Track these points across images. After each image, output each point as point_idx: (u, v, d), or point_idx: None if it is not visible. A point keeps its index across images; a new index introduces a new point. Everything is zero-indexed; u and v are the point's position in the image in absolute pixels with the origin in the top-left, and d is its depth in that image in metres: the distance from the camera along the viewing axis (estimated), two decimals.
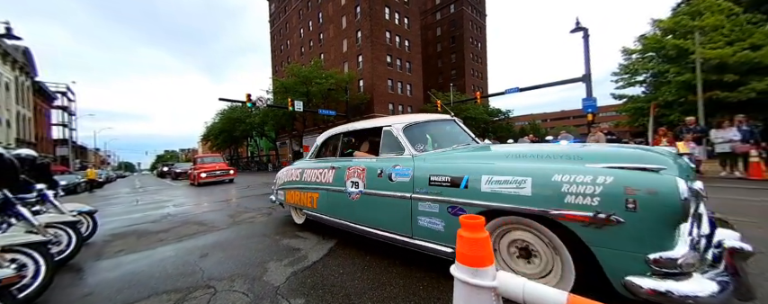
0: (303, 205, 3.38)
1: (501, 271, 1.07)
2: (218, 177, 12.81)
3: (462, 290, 1.08)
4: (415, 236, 2.09)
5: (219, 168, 13.13)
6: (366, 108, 29.17)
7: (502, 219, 1.68)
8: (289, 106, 20.06)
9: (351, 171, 2.67)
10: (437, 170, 1.99)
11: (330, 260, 2.56)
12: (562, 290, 0.95)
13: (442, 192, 1.88)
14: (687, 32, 15.83)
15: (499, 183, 1.62)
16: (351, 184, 2.63)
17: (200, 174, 12.33)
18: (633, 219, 1.21)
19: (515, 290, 0.99)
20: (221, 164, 13.97)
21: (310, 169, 3.28)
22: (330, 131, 3.37)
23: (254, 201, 6.62)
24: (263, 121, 30.10)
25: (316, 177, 3.14)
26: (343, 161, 2.89)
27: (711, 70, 14.56)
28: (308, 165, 3.42)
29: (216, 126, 35.30)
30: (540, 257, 1.61)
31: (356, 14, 30.35)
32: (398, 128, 2.48)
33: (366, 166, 2.54)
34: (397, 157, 2.38)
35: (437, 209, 1.91)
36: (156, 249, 3.28)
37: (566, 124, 62.00)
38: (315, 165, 3.29)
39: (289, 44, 42.74)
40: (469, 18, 44.37)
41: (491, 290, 1.03)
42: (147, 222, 4.98)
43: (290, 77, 26.99)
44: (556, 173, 1.45)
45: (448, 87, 31.15)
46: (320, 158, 3.40)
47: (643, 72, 18.86)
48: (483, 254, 1.06)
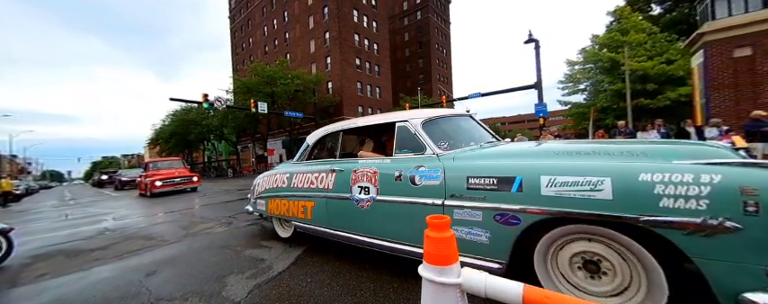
0: (292, 216, 2.89)
1: (465, 268, 1.11)
2: (178, 185, 10.57)
3: (429, 289, 1.11)
4: None
5: (179, 174, 10.88)
6: (335, 110, 28.69)
7: (567, 228, 1.40)
8: (251, 107, 18.93)
9: (358, 174, 2.29)
10: (477, 171, 1.67)
11: (297, 269, 2.45)
12: (518, 283, 1.00)
13: (486, 197, 1.58)
14: (618, 47, 18.30)
15: (566, 184, 1.34)
16: (359, 190, 2.24)
17: (155, 181, 10.04)
18: (753, 225, 1.02)
19: (478, 285, 1.04)
20: (181, 169, 11.71)
21: (302, 173, 2.81)
22: (326, 129, 2.93)
23: (213, 211, 6.07)
24: (223, 123, 27.98)
25: (310, 183, 2.69)
26: (348, 163, 2.47)
27: (637, 80, 16.98)
28: (299, 168, 2.93)
29: (166, 129, 31.98)
30: (613, 273, 1.36)
31: (324, 15, 29.84)
32: (417, 123, 2.14)
33: (378, 169, 2.17)
34: (417, 157, 2.03)
35: (480, 217, 1.60)
36: (91, 270, 2.86)
37: (521, 127, 67.45)
38: (308, 168, 2.80)
39: (251, 42, 40.51)
40: (435, 25, 46.19)
41: (456, 287, 1.08)
42: (79, 239, 4.34)
43: (252, 77, 25.51)
44: (642, 171, 1.22)
45: (416, 91, 31.98)
46: (314, 160, 2.90)
47: (584, 81, 21.29)
48: (449, 253, 1.10)
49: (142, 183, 11.14)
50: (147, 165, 11.98)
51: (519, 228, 1.47)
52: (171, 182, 10.46)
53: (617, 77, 18.32)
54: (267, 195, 3.25)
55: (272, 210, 3.18)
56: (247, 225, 4.30)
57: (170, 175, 10.63)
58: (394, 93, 37.19)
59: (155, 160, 12.74)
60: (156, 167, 11.60)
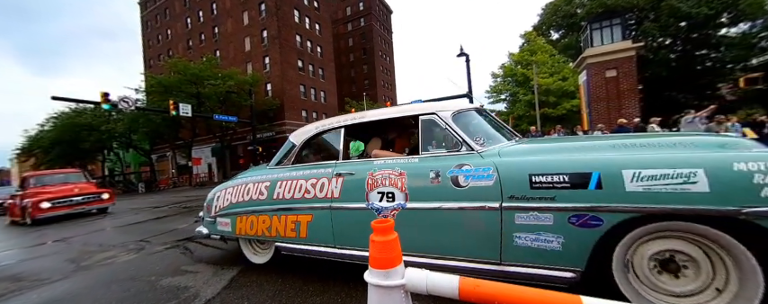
0: (275, 235, 2.29)
1: (408, 268, 1.11)
2: (78, 206, 7.70)
3: (375, 294, 1.11)
4: (506, 260, 1.52)
5: (81, 191, 7.94)
6: (275, 114, 26.75)
7: (651, 227, 1.29)
8: (170, 109, 16.23)
9: (377, 178, 1.89)
10: (542, 167, 1.46)
11: (231, 293, 2.14)
12: (454, 275, 1.05)
13: (557, 197, 1.38)
14: (528, 64, 21.89)
15: (655, 178, 1.21)
16: (379, 197, 1.85)
17: (40, 202, 7.11)
18: None
19: (420, 284, 1.05)
20: (83, 184, 8.57)
21: (289, 180, 2.26)
22: (318, 125, 2.43)
23: (117, 235, 4.92)
24: (131, 128, 23.29)
25: (304, 191, 2.17)
26: (359, 164, 2.06)
27: (542, 93, 20.54)
28: (283, 174, 2.33)
29: (47, 135, 25.07)
30: (697, 270, 1.28)
31: (260, 12, 27.74)
32: (447, 115, 1.85)
33: (405, 170, 1.82)
34: (455, 155, 1.74)
35: (551, 220, 1.39)
36: None
37: None
38: (298, 173, 2.26)
39: (170, 34, 35.00)
40: (378, 33, 47.58)
41: (401, 288, 1.08)
42: None
43: (172, 74, 22.00)
44: (734, 160, 1.15)
45: (362, 96, 32.18)
46: (306, 164, 2.36)
47: (504, 92, 24.78)
48: (393, 256, 1.11)
49: (16, 205, 7.96)
50: (25, 180, 8.58)
51: (600, 231, 1.31)
52: (66, 202, 7.52)
53: (528, 90, 21.90)
54: (234, 211, 2.53)
55: (243, 231, 2.47)
56: (166, 248, 3.62)
57: (65, 193, 7.68)
58: (339, 97, 36.76)
59: (39, 173, 9.39)
60: (40, 183, 8.32)
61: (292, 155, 2.46)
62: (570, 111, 20.30)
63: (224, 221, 2.62)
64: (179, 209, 7.82)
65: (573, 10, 22.44)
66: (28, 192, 7.84)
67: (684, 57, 19.80)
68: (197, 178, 25.90)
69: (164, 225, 5.38)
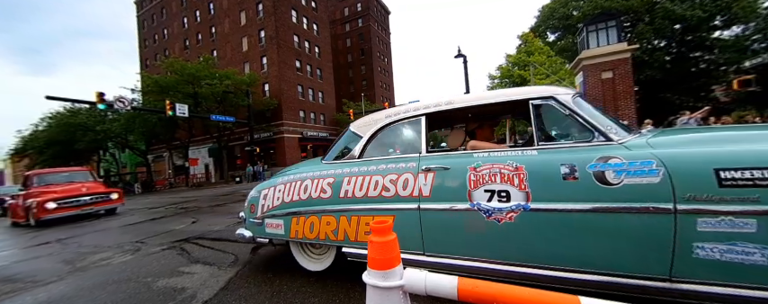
0: (342, 239, 1.99)
1: (407, 268, 1.12)
2: (86, 207, 7.24)
3: (374, 295, 1.10)
4: (680, 276, 1.23)
5: (89, 190, 7.49)
6: (273, 115, 26.68)
7: None
8: (167, 110, 16.15)
9: (483, 172, 1.59)
10: (734, 160, 1.17)
11: (228, 294, 2.14)
12: (453, 276, 1.05)
13: (762, 198, 1.11)
14: (525, 65, 22.04)
15: None
16: (489, 196, 1.56)
17: (45, 203, 6.65)
18: None
19: (418, 284, 1.05)
20: (90, 183, 8.08)
21: (362, 176, 1.95)
22: (390, 114, 2.10)
23: (112, 236, 4.89)
24: (128, 128, 23.11)
25: (381, 189, 1.86)
26: (457, 157, 1.75)
27: None
28: (351, 169, 2.04)
29: (41, 135, 24.81)
30: None
31: (258, 12, 27.68)
32: (568, 99, 1.59)
33: (525, 164, 1.51)
34: (591, 146, 1.46)
35: (753, 227, 1.12)
36: None
37: None
38: (371, 168, 1.95)
39: (167, 34, 34.82)
40: (376, 34, 47.64)
41: (399, 289, 1.08)
42: None
43: (168, 74, 21.88)
44: None
45: (359, 97, 32.24)
46: (380, 158, 2.03)
47: None
48: (392, 256, 1.10)
49: (18, 206, 7.51)
50: (28, 179, 8.07)
51: None
52: (74, 202, 7.01)
53: None
54: (289, 211, 2.22)
55: (301, 233, 2.15)
56: (162, 249, 3.60)
57: (72, 193, 7.17)
58: (337, 98, 36.73)
59: (43, 172, 8.72)
60: (44, 182, 7.82)
61: (358, 148, 2.14)
62: None
63: (274, 223, 2.30)
64: (175, 210, 7.77)
65: (569, 12, 22.64)
66: (31, 192, 7.39)
67: (679, 59, 20.05)
68: (194, 179, 25.75)
69: (160, 226, 5.35)
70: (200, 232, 4.39)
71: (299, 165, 2.62)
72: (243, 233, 2.56)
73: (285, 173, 2.47)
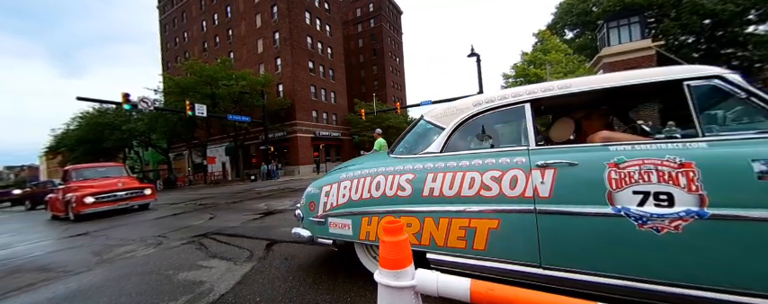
0: (427, 244, 1.74)
1: (419, 269, 1.12)
2: (122, 201, 7.43)
3: (385, 295, 1.11)
4: None
5: (124, 185, 7.69)
6: (287, 114, 27.24)
7: None
8: (187, 110, 16.81)
9: (630, 170, 1.32)
10: None
11: (244, 289, 2.21)
12: (466, 278, 1.03)
13: None
14: (541, 64, 21.46)
15: None
16: (639, 199, 1.29)
17: (84, 197, 6.81)
18: None
19: (430, 285, 1.06)
20: (125, 178, 8.26)
21: (452, 172, 1.70)
22: (480, 101, 1.81)
23: (135, 230, 5.17)
24: (151, 128, 24.22)
25: (480, 187, 1.60)
26: (584, 151, 1.47)
27: None
28: (436, 164, 1.79)
29: (72, 134, 26.37)
30: None
31: (273, 14, 28.31)
32: (738, 78, 1.35)
33: (693, 159, 1.23)
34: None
35: None
36: None
37: None
38: (464, 163, 1.69)
39: (187, 37, 36.21)
40: (387, 33, 47.67)
41: (411, 289, 1.08)
42: None
43: (188, 76, 22.74)
44: None
45: (371, 97, 32.35)
46: (476, 152, 1.76)
47: None
48: (403, 256, 1.10)
49: (58, 200, 7.65)
50: (67, 173, 8.17)
51: None
52: (111, 197, 7.21)
53: None
54: (358, 210, 1.99)
55: (373, 235, 1.93)
56: (182, 244, 3.76)
57: (109, 188, 7.36)
58: (349, 98, 37.03)
59: (82, 167, 8.70)
60: (82, 176, 7.97)
61: (439, 141, 1.87)
62: None
63: (340, 222, 2.08)
64: (195, 206, 8.09)
65: (588, 8, 21.83)
66: (70, 186, 7.48)
67: (708, 55, 18.95)
68: (212, 176, 26.66)
69: (180, 221, 5.60)
70: (217, 228, 4.57)
71: (361, 160, 2.41)
72: (300, 232, 2.32)
73: (346, 168, 2.25)
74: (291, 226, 4.24)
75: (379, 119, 30.10)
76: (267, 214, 5.53)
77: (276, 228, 4.13)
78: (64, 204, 7.29)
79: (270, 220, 4.85)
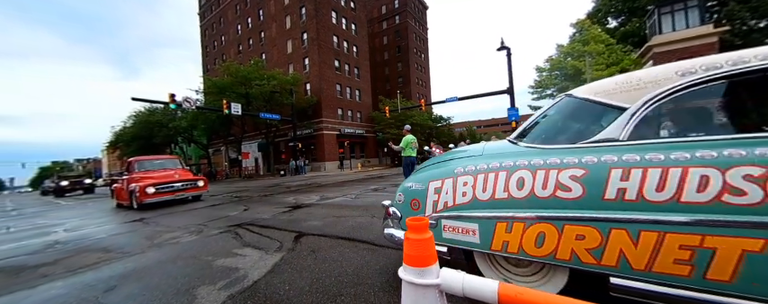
0: (614, 266, 1.27)
1: (444, 268, 1.12)
2: (178, 192, 7.76)
3: (409, 291, 1.13)
4: None
5: (180, 177, 8.04)
6: (313, 112, 28.19)
7: None
8: (224, 108, 18.08)
9: None
10: None
11: (274, 277, 2.35)
12: (494, 280, 1.01)
13: None
14: (580, 56, 19.88)
15: None
16: None
17: (146, 187, 7.21)
18: None
19: (456, 285, 1.05)
20: (181, 170, 8.66)
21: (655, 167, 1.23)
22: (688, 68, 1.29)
23: (180, 218, 5.68)
24: (193, 125, 26.40)
25: (719, 191, 1.10)
26: None
27: None
28: (624, 156, 1.32)
29: (128, 131, 29.59)
30: None
31: (301, 15, 29.27)
32: None
33: None
34: None
35: None
36: (38, 288, 2.55)
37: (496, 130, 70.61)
38: (679, 156, 1.20)
39: (224, 40, 38.70)
40: (413, 30, 47.09)
41: (435, 288, 1.09)
42: (24, 254, 3.87)
43: (225, 77, 24.36)
44: None
45: (395, 94, 32.32)
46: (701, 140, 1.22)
47: (551, 87, 22.82)
48: (428, 254, 1.11)
49: (122, 189, 8.18)
50: (130, 165, 8.60)
51: None
52: (168, 188, 7.56)
53: (580, 84, 19.87)
54: (489, 213, 1.58)
55: (513, 246, 1.51)
56: (220, 232, 4.08)
57: (167, 179, 7.74)
58: (373, 95, 37.30)
59: (142, 158, 9.09)
60: (143, 168, 8.42)
61: (619, 124, 1.39)
62: None
63: (460, 226, 1.66)
64: (231, 198, 8.72)
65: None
66: (133, 177, 7.92)
67: None
68: (245, 171, 28.48)
69: (218, 212, 6.08)
70: (250, 219, 4.90)
71: (478, 150, 1.86)
72: (396, 234, 1.97)
73: (458, 157, 1.87)
74: (317, 220, 4.45)
75: (403, 116, 29.98)
76: (295, 208, 5.81)
77: (303, 222, 4.34)
78: (128, 194, 7.76)
79: (298, 214, 5.10)
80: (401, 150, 6.84)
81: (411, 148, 6.73)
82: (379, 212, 4.63)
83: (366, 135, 33.35)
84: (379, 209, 4.97)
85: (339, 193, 7.74)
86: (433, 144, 12.51)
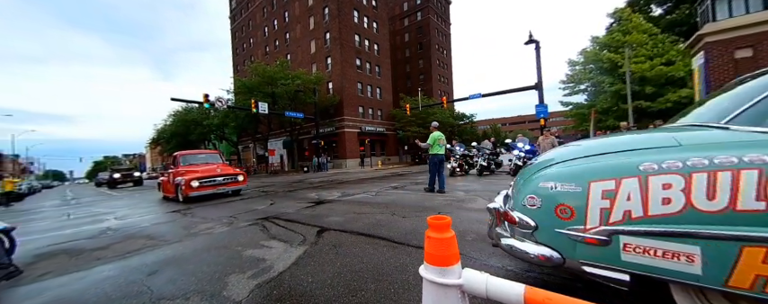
0: None
1: (466, 268, 1.11)
2: (220, 186, 7.91)
3: (430, 290, 1.12)
4: None
5: (222, 172, 8.15)
6: (335, 111, 28.74)
7: None
8: (252, 108, 18.97)
9: None
10: None
11: (298, 269, 2.44)
12: (520, 284, 0.98)
13: None
14: (619, 47, 18.34)
15: None
16: None
17: (191, 181, 7.39)
18: None
19: (479, 286, 1.03)
20: (222, 165, 8.82)
21: None
22: None
23: (214, 211, 6.09)
24: (224, 123, 28.01)
25: None
26: None
27: (637, 82, 16.99)
28: None
29: (167, 129, 32.10)
30: None
31: (324, 16, 29.85)
32: None
33: None
34: None
35: None
36: (93, 269, 2.86)
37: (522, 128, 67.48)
38: None
39: (252, 42, 40.53)
40: (435, 26, 46.23)
41: (457, 288, 1.07)
42: (82, 239, 4.33)
43: (253, 77, 25.54)
44: None
45: (416, 91, 32.00)
46: None
47: (584, 82, 21.32)
48: (449, 254, 1.10)
49: (168, 183, 8.43)
50: (175, 159, 8.77)
51: None
52: (211, 182, 7.72)
53: (617, 78, 18.37)
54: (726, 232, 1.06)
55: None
56: (248, 224, 4.31)
57: (210, 173, 7.87)
58: (394, 93, 37.22)
59: (187, 153, 9.18)
60: (187, 162, 8.55)
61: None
62: (678, 103, 16.13)
63: (664, 248, 1.16)
64: (258, 192, 9.17)
65: None
66: (179, 170, 8.08)
67: None
68: (271, 167, 29.78)
69: (247, 205, 6.42)
70: (276, 213, 5.13)
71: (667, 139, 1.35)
72: (529, 251, 1.47)
73: (636, 149, 1.38)
74: (339, 216, 4.55)
75: (424, 113, 29.63)
76: (318, 203, 5.98)
77: (325, 217, 4.46)
78: (174, 187, 7.94)
79: (320, 209, 5.25)
80: (428, 147, 6.63)
81: (439, 146, 6.51)
82: (399, 210, 4.63)
83: (386, 133, 33.43)
84: (399, 207, 4.97)
85: (360, 190, 7.85)
86: (455, 142, 12.18)
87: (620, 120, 15.57)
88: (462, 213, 4.16)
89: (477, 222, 3.56)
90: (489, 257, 2.43)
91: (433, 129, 6.65)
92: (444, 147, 6.60)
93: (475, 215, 4.00)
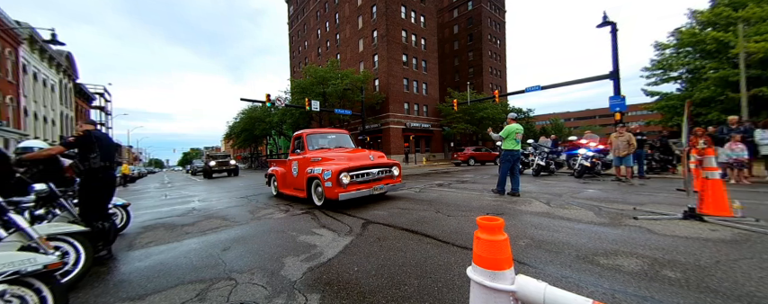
0: None
1: (520, 274, 1.05)
2: (375, 183, 5.15)
3: (479, 293, 1.08)
4: None
5: (375, 160, 5.32)
6: (381, 107, 29.22)
7: None
8: (306, 106, 20.49)
9: None
10: None
11: (345, 257, 2.57)
12: (585, 298, 0.89)
13: None
14: (728, 24, 14.64)
15: None
16: None
17: (339, 174, 4.69)
18: None
19: (535, 295, 0.96)
20: (372, 151, 5.63)
21: None
22: None
23: (272, 199, 6.76)
24: (282, 120, 30.91)
25: None
26: None
27: (756, 65, 13.38)
28: None
29: (237, 125, 36.78)
30: None
31: (372, 14, 30.38)
32: None
33: None
34: None
35: None
36: (183, 242, 3.42)
37: (591, 123, 59.06)
38: None
39: (306, 45, 43.52)
40: (488, 15, 43.24)
41: (509, 294, 1.02)
42: (175, 216, 5.20)
43: (306, 78, 27.51)
44: None
45: (465, 86, 30.58)
46: None
47: (678, 68, 17.61)
48: (502, 258, 1.05)
49: (289, 174, 6.14)
50: (300, 140, 6.06)
51: None
52: (364, 177, 5.05)
53: (725, 62, 14.72)
54: None
55: None
56: (302, 213, 4.69)
57: (362, 162, 5.10)
58: (441, 88, 36.12)
59: (313, 132, 6.25)
60: (317, 145, 5.94)
61: None
62: None
63: None
64: None
65: None
66: (308, 157, 5.52)
67: None
68: None
69: None
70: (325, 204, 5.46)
71: None
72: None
73: None
74: (383, 210, 4.64)
75: (474, 108, 28.13)
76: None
77: (370, 210, 4.61)
78: (305, 181, 5.29)
79: (365, 203, 5.41)
80: (500, 140, 5.59)
81: (515, 140, 5.48)
82: (444, 208, 4.53)
83: (432, 129, 32.75)
84: (444, 205, 4.85)
85: (404, 186, 7.84)
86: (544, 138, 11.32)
87: (727, 112, 12.47)
88: (515, 216, 3.88)
89: (532, 227, 3.28)
90: (546, 265, 2.21)
91: (511, 122, 5.62)
92: (520, 143, 5.57)
93: (529, 218, 3.69)
